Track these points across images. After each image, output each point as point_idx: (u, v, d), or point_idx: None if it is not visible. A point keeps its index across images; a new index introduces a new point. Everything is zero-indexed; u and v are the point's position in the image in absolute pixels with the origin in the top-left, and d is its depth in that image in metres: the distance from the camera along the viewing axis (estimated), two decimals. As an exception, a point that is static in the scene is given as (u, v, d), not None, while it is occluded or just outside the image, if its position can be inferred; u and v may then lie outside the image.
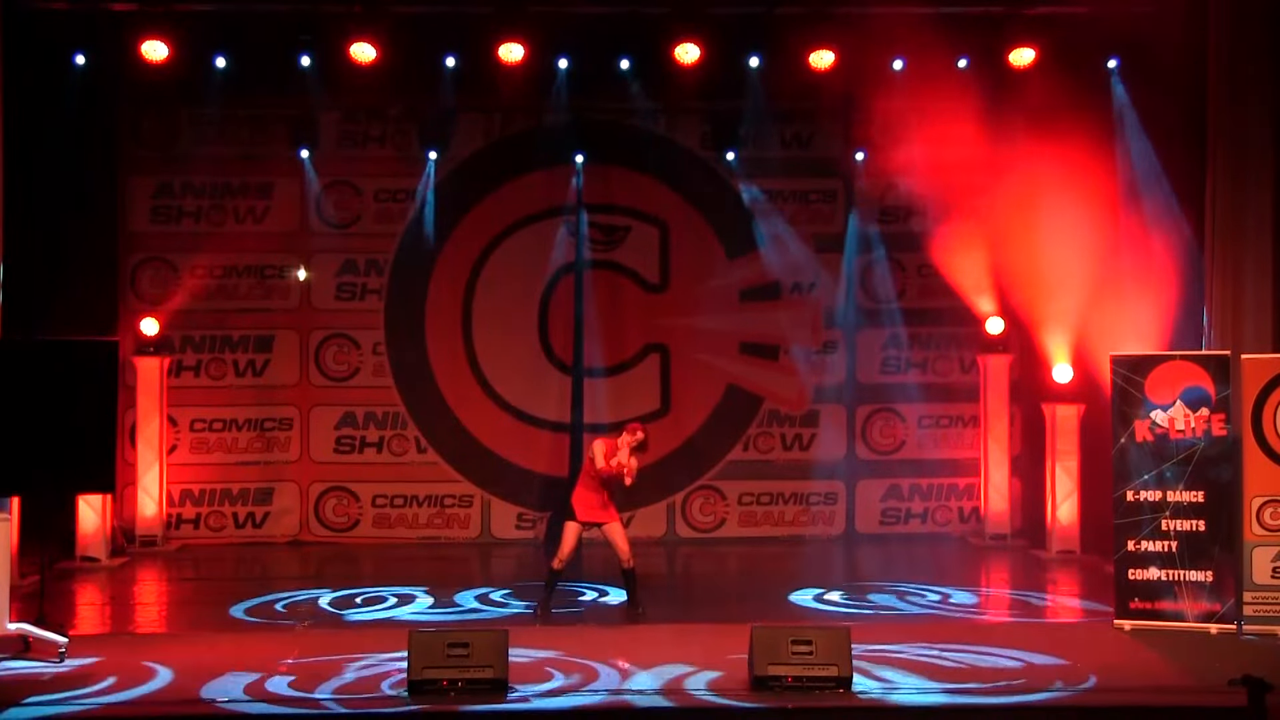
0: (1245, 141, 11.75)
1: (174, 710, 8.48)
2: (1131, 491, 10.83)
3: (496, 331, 15.37)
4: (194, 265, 15.10)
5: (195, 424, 15.13)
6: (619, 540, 11.18)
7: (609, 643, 10.11)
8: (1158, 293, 12.37)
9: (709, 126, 15.31)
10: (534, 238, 15.41)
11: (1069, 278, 13.58)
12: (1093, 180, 12.95)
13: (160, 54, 13.07)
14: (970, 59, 13.80)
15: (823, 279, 15.53)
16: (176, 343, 15.05)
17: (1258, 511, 10.65)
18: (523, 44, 13.24)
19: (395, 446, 15.34)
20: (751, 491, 15.54)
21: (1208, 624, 10.58)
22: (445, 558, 14.61)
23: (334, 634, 10.63)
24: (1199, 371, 10.78)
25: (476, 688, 8.69)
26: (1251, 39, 11.72)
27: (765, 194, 15.46)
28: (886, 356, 15.66)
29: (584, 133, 15.11)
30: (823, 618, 11.26)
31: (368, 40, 13.09)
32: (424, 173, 15.09)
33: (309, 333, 15.34)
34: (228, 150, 15.12)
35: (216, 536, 15.09)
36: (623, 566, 11.26)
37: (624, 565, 11.24)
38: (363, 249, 15.38)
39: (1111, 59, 13.49)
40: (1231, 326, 11.75)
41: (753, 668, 8.87)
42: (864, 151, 15.29)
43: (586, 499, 11.19)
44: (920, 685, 8.96)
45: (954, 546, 15.05)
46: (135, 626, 11.40)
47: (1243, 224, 11.77)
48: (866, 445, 15.67)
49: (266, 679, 9.07)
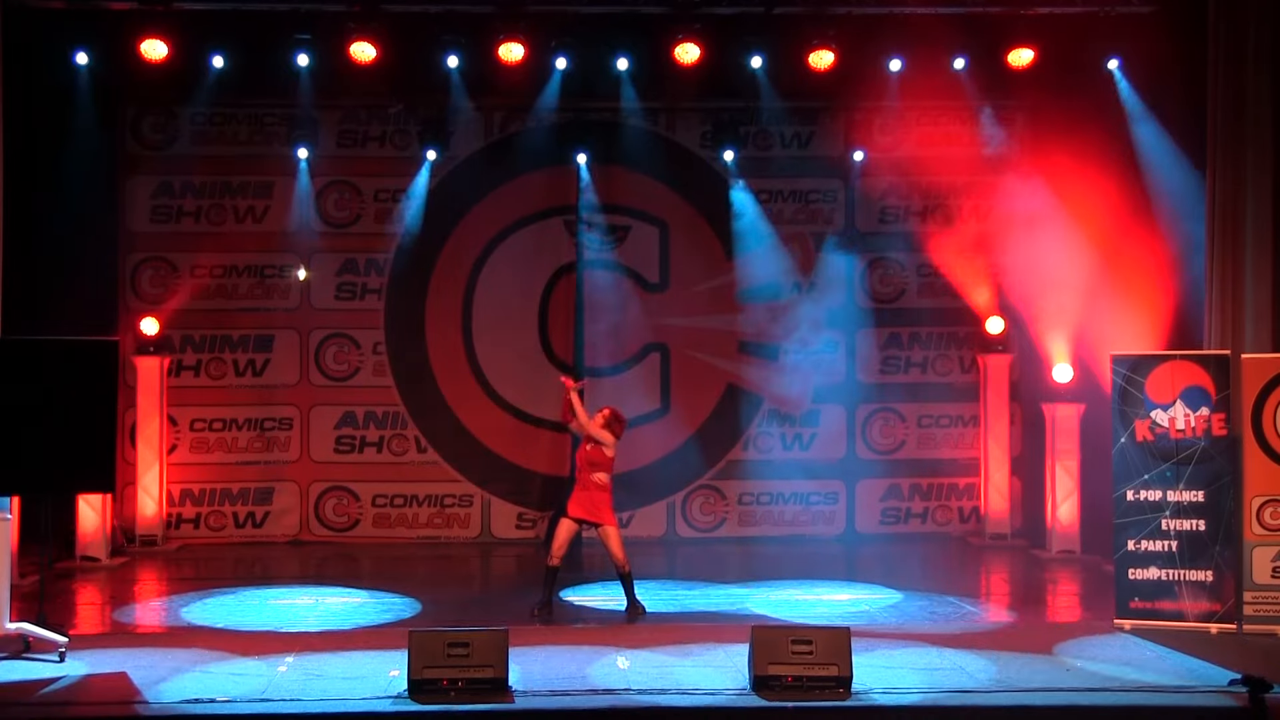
0: (1245, 141, 11.74)
1: (174, 710, 8.47)
2: (1131, 491, 10.83)
3: (496, 331, 15.39)
4: (194, 265, 15.11)
5: (195, 424, 15.14)
6: (612, 545, 11.17)
7: (609, 642, 10.11)
8: (1158, 293, 12.38)
9: (709, 126, 15.32)
10: (534, 238, 15.42)
11: (1069, 277, 13.60)
12: (1092, 180, 12.95)
13: (160, 53, 13.06)
14: (969, 59, 13.80)
15: (823, 279, 15.54)
16: (176, 342, 15.07)
17: (1258, 511, 10.65)
18: (523, 43, 13.24)
19: (395, 446, 15.35)
20: (751, 491, 15.54)
21: (1208, 623, 10.58)
22: (445, 557, 14.63)
23: (334, 633, 10.62)
24: (1199, 371, 10.78)
25: (476, 687, 8.69)
26: (1251, 39, 11.71)
27: (766, 194, 15.49)
28: (886, 356, 15.67)
29: (584, 132, 15.13)
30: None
31: (367, 39, 13.09)
32: (423, 172, 15.10)
33: (309, 333, 15.34)
34: (228, 150, 15.16)
35: (216, 536, 15.10)
36: (618, 571, 11.27)
37: (619, 570, 11.25)
38: (363, 249, 15.39)
39: (1112, 59, 13.48)
40: (1231, 326, 11.74)
41: (753, 667, 8.86)
42: (864, 151, 15.32)
43: (579, 497, 11.20)
44: (920, 685, 8.96)
45: (954, 546, 15.07)
46: (135, 626, 11.40)
47: (1243, 224, 11.76)
48: (866, 445, 15.67)
49: (266, 678, 9.07)
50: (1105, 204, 12.90)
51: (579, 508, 11.19)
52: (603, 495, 11.17)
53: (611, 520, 11.23)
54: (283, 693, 8.74)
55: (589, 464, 11.17)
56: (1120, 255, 12.76)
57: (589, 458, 11.17)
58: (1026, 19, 13.34)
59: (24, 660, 9.60)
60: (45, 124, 13.49)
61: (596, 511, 11.17)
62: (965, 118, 14.90)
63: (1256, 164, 11.72)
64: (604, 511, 11.19)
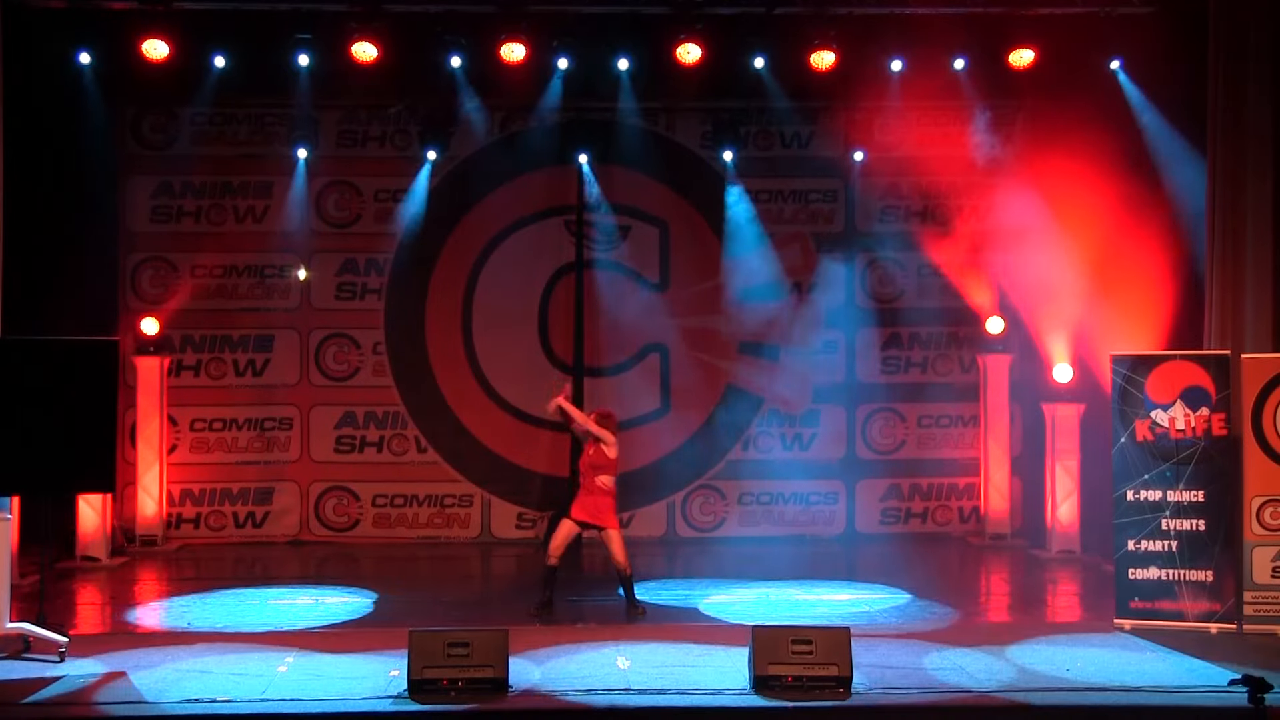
0: (1245, 141, 11.74)
1: (174, 710, 8.47)
2: (1131, 491, 10.83)
3: (496, 331, 15.38)
4: (194, 265, 15.12)
5: (195, 423, 15.14)
6: (614, 548, 11.22)
7: (609, 642, 10.11)
8: (1158, 293, 12.38)
9: (709, 126, 15.32)
10: (534, 238, 15.42)
11: (1068, 277, 13.60)
12: (1092, 180, 12.95)
13: (160, 53, 13.03)
14: (970, 59, 13.80)
15: (823, 279, 15.54)
16: (176, 342, 15.07)
17: (1258, 511, 10.65)
18: (524, 43, 13.23)
19: (395, 446, 15.35)
20: (751, 491, 15.55)
21: (1208, 623, 10.59)
22: (445, 557, 14.63)
23: (334, 633, 10.62)
24: (1199, 371, 10.79)
25: (476, 687, 8.69)
26: (1251, 38, 11.71)
27: (766, 194, 15.49)
28: (886, 356, 15.67)
29: (585, 132, 15.13)
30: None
31: (368, 39, 13.08)
32: (424, 172, 15.10)
33: (309, 332, 15.34)
34: (228, 150, 15.16)
35: (216, 536, 15.11)
36: (619, 574, 11.29)
37: (620, 572, 11.28)
38: (363, 249, 15.39)
39: (1112, 59, 13.47)
40: (1231, 326, 11.74)
41: (753, 667, 8.87)
42: (864, 151, 15.32)
43: (583, 500, 11.26)
44: (920, 685, 8.96)
45: (954, 546, 15.07)
46: (135, 626, 11.40)
47: (1243, 224, 11.77)
48: (866, 445, 15.67)
49: (266, 678, 9.07)
50: (1105, 204, 12.89)
51: (583, 511, 11.23)
52: (606, 499, 11.21)
53: (614, 524, 11.27)
54: (283, 693, 8.75)
55: (592, 468, 11.22)
56: (1120, 255, 12.75)
57: (592, 461, 11.22)
58: (1027, 19, 13.33)
59: (24, 660, 9.61)
60: (45, 124, 13.48)
61: (600, 515, 11.21)
62: (965, 118, 14.89)
63: (1257, 164, 11.72)
64: (607, 515, 11.22)
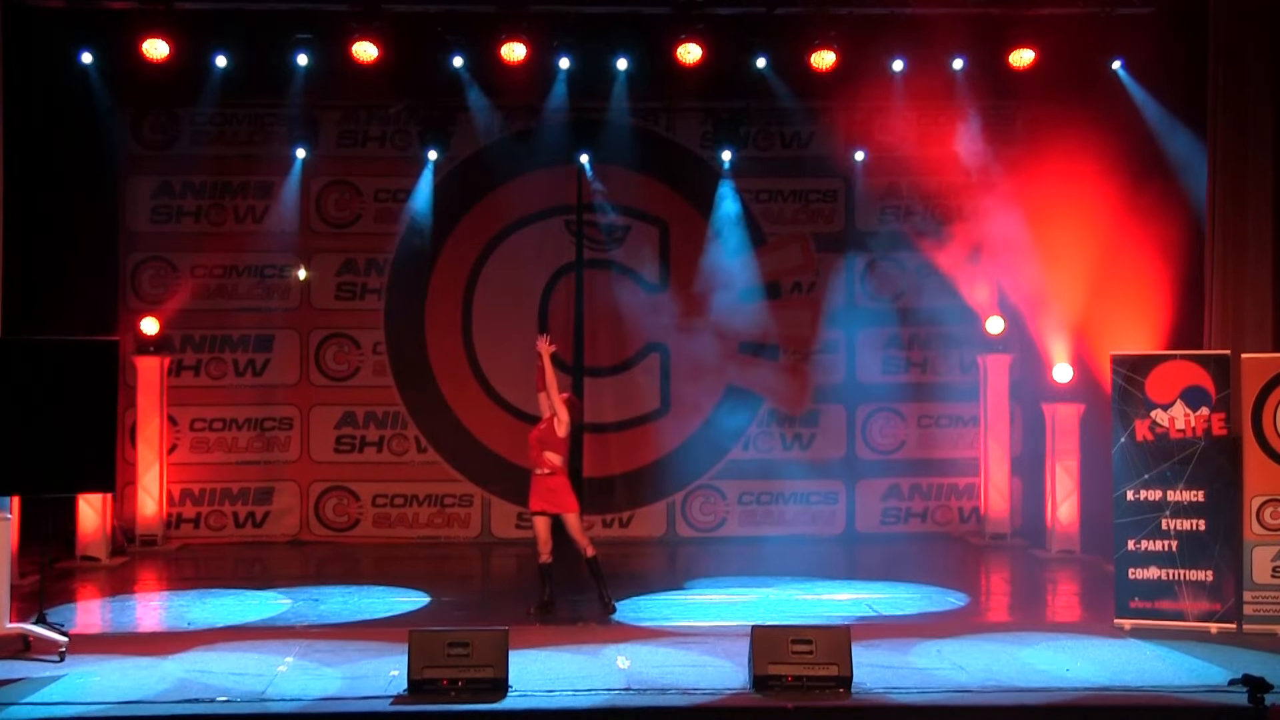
0: (1245, 140, 11.74)
1: (174, 710, 8.47)
2: (1131, 491, 10.83)
3: (496, 331, 15.38)
4: (194, 265, 15.13)
5: (195, 423, 15.15)
6: (573, 531, 11.10)
7: (609, 642, 10.11)
8: (1158, 293, 12.38)
9: (709, 126, 15.33)
10: (534, 238, 15.42)
11: (1069, 277, 13.60)
12: (1092, 179, 12.96)
13: (161, 53, 13.03)
14: (970, 59, 13.80)
15: (823, 279, 15.55)
16: (176, 342, 15.07)
17: (1258, 511, 10.65)
18: (524, 43, 13.23)
19: (395, 446, 15.35)
20: (751, 491, 15.54)
21: (1208, 623, 10.58)
22: (445, 557, 14.62)
23: (334, 632, 10.62)
24: (1199, 371, 10.78)
25: (476, 687, 8.69)
26: (1251, 38, 11.72)
27: (766, 194, 15.49)
28: (886, 356, 15.67)
29: (585, 132, 15.13)
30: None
31: (368, 39, 13.08)
32: (424, 172, 15.10)
33: (309, 332, 15.35)
34: (228, 150, 15.17)
35: (217, 536, 15.11)
36: (584, 557, 11.21)
37: (585, 555, 11.19)
38: (363, 249, 15.40)
39: (1112, 59, 13.48)
40: (1232, 326, 11.75)
41: (753, 667, 8.86)
42: (864, 151, 15.32)
43: (536, 489, 11.14)
44: (920, 685, 8.95)
45: (954, 546, 15.07)
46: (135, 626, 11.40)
47: (1243, 223, 11.77)
48: (867, 445, 15.67)
49: (266, 678, 9.07)
50: (1104, 204, 12.90)
51: (539, 500, 11.13)
52: (558, 480, 11.08)
53: (572, 507, 11.13)
54: (283, 693, 8.74)
55: (540, 443, 11.08)
56: (1120, 254, 12.76)
57: (541, 436, 11.09)
58: (1027, 19, 13.33)
59: (24, 660, 9.60)
60: (45, 124, 13.49)
61: (555, 500, 11.08)
62: (966, 118, 14.89)
63: (1256, 164, 11.74)
64: (563, 498, 11.09)
